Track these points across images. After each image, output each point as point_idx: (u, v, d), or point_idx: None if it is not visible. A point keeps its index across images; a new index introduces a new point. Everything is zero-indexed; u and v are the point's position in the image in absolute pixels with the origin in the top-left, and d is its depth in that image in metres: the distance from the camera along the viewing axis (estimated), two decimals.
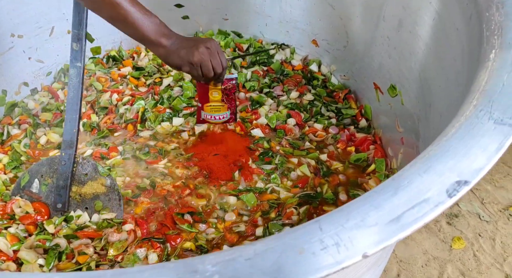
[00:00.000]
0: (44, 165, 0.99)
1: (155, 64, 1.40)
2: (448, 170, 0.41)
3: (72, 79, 0.91)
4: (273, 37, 1.48)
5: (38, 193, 0.97)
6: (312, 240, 0.38)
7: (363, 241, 0.37)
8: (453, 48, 0.73)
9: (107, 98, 1.28)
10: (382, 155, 1.12)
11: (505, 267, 1.39)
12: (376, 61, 1.15)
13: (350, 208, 0.41)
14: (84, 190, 0.98)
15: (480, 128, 0.44)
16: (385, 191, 0.41)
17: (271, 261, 0.36)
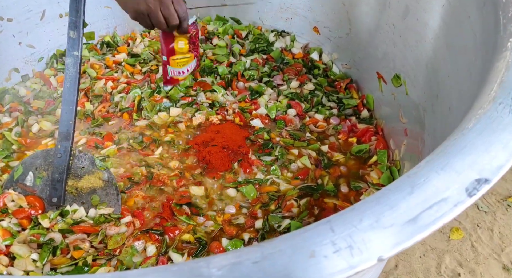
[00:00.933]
0: (39, 157, 0.94)
1: (151, 51, 1.36)
2: (467, 167, 0.39)
3: (69, 69, 0.87)
4: (272, 24, 1.44)
5: (32, 186, 0.94)
6: (324, 242, 0.35)
7: (378, 244, 0.35)
8: (464, 37, 0.70)
9: (102, 86, 1.24)
10: (384, 146, 1.10)
11: (503, 258, 1.39)
12: (380, 49, 1.12)
13: (363, 207, 0.38)
14: (80, 183, 0.94)
15: (500, 122, 0.42)
16: (401, 189, 0.39)
17: (280, 265, 0.34)
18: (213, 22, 1.49)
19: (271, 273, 0.34)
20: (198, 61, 1.05)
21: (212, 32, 1.45)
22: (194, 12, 1.49)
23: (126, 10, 0.86)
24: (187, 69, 1.03)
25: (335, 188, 1.01)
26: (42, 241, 0.83)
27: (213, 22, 1.49)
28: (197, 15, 1.50)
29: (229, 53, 1.37)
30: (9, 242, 0.83)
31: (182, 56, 0.99)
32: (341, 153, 1.10)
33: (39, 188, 0.94)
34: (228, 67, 1.32)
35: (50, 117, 1.16)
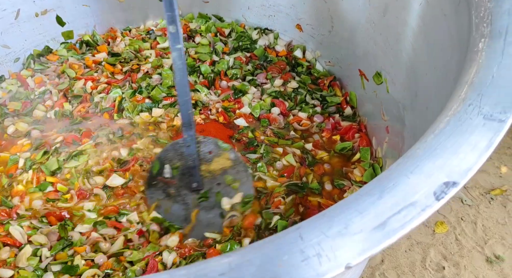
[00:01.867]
0: (170, 150, 1.00)
1: (131, 50, 1.34)
2: (436, 170, 0.39)
3: (176, 63, 0.88)
4: (256, 21, 1.43)
5: (171, 177, 1.00)
6: (293, 250, 0.35)
7: (347, 251, 0.35)
8: (441, 36, 0.70)
9: (81, 86, 1.22)
10: (367, 143, 1.10)
11: (486, 250, 1.41)
12: (361, 47, 1.12)
13: (333, 213, 0.38)
14: (212, 167, 1.01)
15: (469, 124, 0.42)
16: (370, 194, 0.38)
17: (247, 276, 0.34)
18: (195, 19, 1.47)
19: None
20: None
21: (194, 30, 1.43)
22: None
23: None
24: None
25: (320, 186, 1.01)
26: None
27: (196, 19, 1.47)
28: (180, 13, 1.48)
29: (212, 52, 1.36)
30: (31, 232, 0.88)
31: None
32: (325, 150, 1.11)
33: (178, 177, 1.01)
34: (211, 66, 1.31)
35: (27, 118, 1.14)
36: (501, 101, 0.43)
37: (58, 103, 1.17)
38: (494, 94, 0.43)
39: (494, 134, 0.41)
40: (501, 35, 0.49)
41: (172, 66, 1.27)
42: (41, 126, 1.12)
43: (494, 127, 0.41)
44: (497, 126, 0.41)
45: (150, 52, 1.33)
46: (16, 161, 1.02)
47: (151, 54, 1.32)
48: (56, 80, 1.24)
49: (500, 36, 0.49)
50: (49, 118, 1.15)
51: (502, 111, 0.41)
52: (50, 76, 1.25)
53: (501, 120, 0.41)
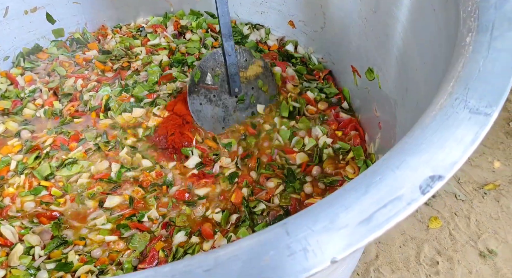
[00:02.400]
0: (210, 60, 1.10)
1: (122, 47, 1.33)
2: (422, 164, 0.39)
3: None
4: (247, 18, 1.42)
5: (213, 84, 1.12)
6: (279, 246, 0.35)
7: (332, 245, 0.35)
8: (430, 31, 0.70)
9: (71, 84, 1.21)
10: (361, 140, 1.10)
11: (479, 245, 1.42)
12: (353, 43, 1.12)
13: (319, 208, 0.38)
14: (248, 73, 1.14)
15: (455, 118, 0.42)
16: (356, 189, 0.38)
17: (233, 271, 0.33)
18: (186, 16, 1.46)
19: None
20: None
21: (185, 26, 1.42)
22: (168, 7, 1.46)
23: None
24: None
25: (300, 185, 1.01)
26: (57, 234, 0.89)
27: (187, 16, 1.46)
28: (171, 10, 1.47)
29: (202, 47, 1.35)
30: (24, 231, 0.88)
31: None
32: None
33: (219, 84, 1.13)
34: (199, 59, 1.30)
35: (17, 117, 1.13)
36: (486, 95, 0.43)
37: (48, 102, 1.16)
38: (480, 88, 0.44)
39: (480, 128, 0.41)
40: (487, 29, 0.49)
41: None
42: (31, 126, 1.12)
43: (480, 121, 0.41)
44: (483, 120, 0.41)
45: (141, 49, 1.32)
46: (7, 162, 1.01)
47: (141, 51, 1.31)
48: (46, 79, 1.23)
49: (487, 30, 0.49)
50: (38, 117, 1.14)
51: (488, 105, 0.42)
52: (40, 75, 1.24)
53: (486, 114, 0.41)
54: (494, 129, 1.75)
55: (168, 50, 1.33)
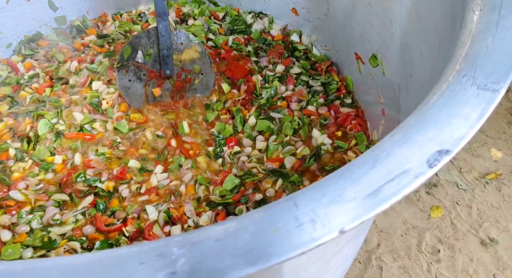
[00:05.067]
0: (143, 37, 1.08)
1: (121, 31, 1.33)
2: (429, 139, 0.39)
3: None
4: (250, 5, 1.42)
5: (143, 62, 1.09)
6: (287, 217, 0.35)
7: (340, 217, 0.35)
8: (435, 14, 0.70)
9: (66, 68, 1.21)
10: (363, 127, 1.11)
11: (481, 233, 1.43)
12: (357, 30, 1.11)
13: (326, 183, 0.38)
14: (183, 56, 1.12)
15: (463, 95, 0.42)
16: (364, 164, 0.39)
17: (242, 241, 0.34)
18: (188, 4, 1.46)
19: (232, 250, 0.33)
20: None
21: (187, 13, 1.42)
22: None
23: None
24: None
25: (300, 178, 0.99)
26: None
27: (189, 4, 1.46)
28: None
29: (208, 31, 1.34)
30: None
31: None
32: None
33: (150, 63, 1.10)
34: (208, 41, 1.30)
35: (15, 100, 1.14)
36: (494, 72, 0.43)
37: (43, 86, 1.16)
38: (488, 65, 0.44)
39: (487, 104, 0.41)
40: (495, 8, 0.49)
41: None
42: (16, 107, 1.11)
43: (487, 97, 0.41)
44: (490, 96, 0.41)
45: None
46: (6, 148, 1.02)
47: None
48: (45, 65, 1.23)
49: (495, 9, 0.49)
50: (26, 103, 1.14)
51: (496, 81, 0.42)
52: (39, 61, 1.24)
53: (494, 90, 0.41)
54: (496, 119, 1.75)
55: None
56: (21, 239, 0.85)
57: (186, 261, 0.32)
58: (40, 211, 0.91)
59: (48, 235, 0.86)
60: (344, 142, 1.06)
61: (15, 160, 1.00)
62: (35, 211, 0.91)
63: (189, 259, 0.33)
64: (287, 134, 1.07)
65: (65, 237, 0.88)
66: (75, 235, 0.88)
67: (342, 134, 1.10)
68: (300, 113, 1.13)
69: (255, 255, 0.33)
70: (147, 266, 0.32)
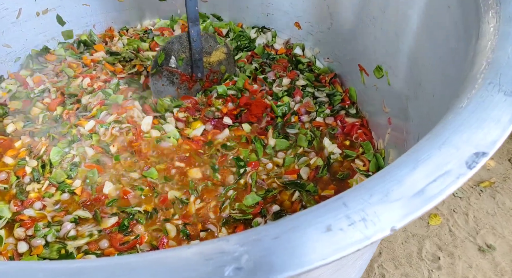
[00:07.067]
0: (175, 43, 1.13)
1: (131, 49, 1.34)
2: (464, 142, 0.41)
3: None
4: (254, 20, 1.45)
5: (176, 67, 1.15)
6: (338, 216, 0.37)
7: (390, 215, 0.37)
8: (445, 27, 0.74)
9: (78, 84, 1.22)
10: (368, 136, 1.13)
11: (478, 240, 1.46)
12: (361, 42, 1.15)
13: (371, 183, 0.40)
14: (211, 59, 1.17)
15: (491, 100, 0.45)
16: (405, 166, 0.41)
17: (297, 239, 0.35)
18: None
19: (290, 247, 0.35)
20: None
21: None
22: (174, 9, 1.48)
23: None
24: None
25: (315, 188, 1.00)
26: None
27: None
28: (177, 12, 1.49)
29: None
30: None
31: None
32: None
33: (182, 67, 1.16)
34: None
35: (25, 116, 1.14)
36: None
37: (55, 102, 1.17)
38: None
39: None
40: (510, 19, 0.52)
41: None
42: (32, 125, 1.12)
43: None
44: None
45: (153, 54, 1.33)
46: (23, 165, 1.02)
47: (152, 56, 1.32)
48: (55, 79, 1.23)
49: (510, 20, 0.52)
50: (39, 121, 1.14)
51: None
52: (48, 75, 1.25)
53: None
54: None
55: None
56: (38, 252, 0.84)
57: (249, 257, 0.34)
58: (56, 225, 0.91)
59: (66, 247, 0.85)
60: (352, 151, 1.08)
61: (31, 178, 1.00)
62: (52, 225, 0.91)
63: (251, 255, 0.34)
64: (302, 146, 1.09)
65: (81, 250, 0.88)
66: (90, 249, 0.88)
67: (350, 144, 1.12)
68: (311, 125, 1.15)
69: (313, 252, 0.35)
70: (214, 262, 0.33)
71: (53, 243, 0.87)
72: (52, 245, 0.87)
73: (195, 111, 1.13)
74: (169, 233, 0.90)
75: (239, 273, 0.33)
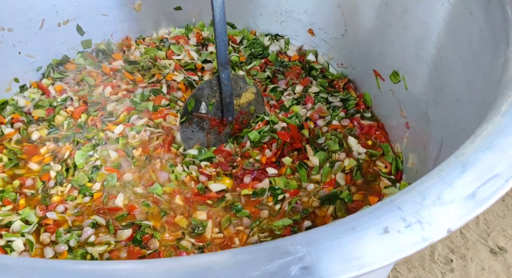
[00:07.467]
0: (205, 88, 1.09)
1: (148, 58, 1.36)
2: (510, 146, 0.43)
3: (217, 1, 0.93)
4: (267, 27, 1.47)
5: (207, 113, 1.11)
6: (394, 218, 0.38)
7: (445, 218, 0.38)
8: (468, 32, 0.75)
9: (100, 92, 1.23)
10: (386, 139, 1.15)
11: (489, 242, 1.47)
12: (376, 48, 1.16)
13: (422, 187, 0.41)
14: (241, 100, 1.15)
15: None
16: (453, 169, 0.42)
17: (358, 241, 0.37)
18: (207, 28, 1.51)
19: (351, 248, 0.36)
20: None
21: (207, 38, 1.47)
22: (189, 18, 1.50)
23: None
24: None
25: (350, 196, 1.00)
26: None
27: (207, 28, 1.51)
28: (192, 21, 1.51)
29: None
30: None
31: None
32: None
33: (212, 112, 1.12)
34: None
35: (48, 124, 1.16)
36: None
37: (78, 110, 1.19)
38: None
39: None
40: None
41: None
42: (56, 132, 1.13)
43: None
44: None
45: (170, 62, 1.35)
46: (47, 170, 1.05)
47: (170, 65, 1.34)
48: (76, 88, 1.26)
49: None
50: (63, 128, 1.16)
51: None
52: (69, 84, 1.27)
53: None
54: None
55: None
56: (63, 257, 0.86)
57: (312, 257, 0.35)
58: (77, 230, 0.92)
59: (91, 253, 0.87)
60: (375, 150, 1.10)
61: (55, 182, 1.02)
62: (72, 230, 0.92)
63: (314, 256, 0.35)
64: (335, 150, 1.09)
65: (103, 257, 0.89)
66: (112, 257, 0.89)
67: (372, 144, 1.13)
68: (329, 129, 1.16)
69: (370, 254, 0.36)
70: (279, 262, 0.35)
71: (76, 249, 0.89)
72: (75, 251, 0.88)
73: (227, 166, 1.08)
74: (188, 248, 0.90)
75: (305, 273, 0.34)
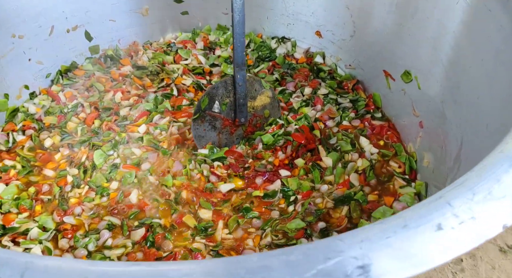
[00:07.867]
0: (220, 88, 1.09)
1: (156, 63, 1.35)
2: None
3: (237, 2, 0.93)
4: (273, 30, 1.47)
5: (220, 112, 1.11)
6: (446, 215, 0.38)
7: (499, 214, 0.37)
8: (487, 29, 0.75)
9: (110, 98, 1.23)
10: (398, 138, 1.14)
11: (498, 241, 1.46)
12: (386, 49, 1.16)
13: (470, 182, 0.41)
14: (256, 103, 1.14)
15: None
16: (500, 164, 0.42)
17: (412, 238, 0.36)
18: (213, 31, 1.50)
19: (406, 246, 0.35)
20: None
21: (214, 42, 1.46)
22: (195, 23, 1.49)
23: None
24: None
25: (364, 196, 0.99)
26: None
27: (214, 31, 1.50)
28: (199, 25, 1.51)
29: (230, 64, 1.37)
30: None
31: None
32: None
33: (225, 112, 1.12)
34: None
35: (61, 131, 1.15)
36: None
37: (90, 116, 1.18)
38: None
39: None
40: None
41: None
42: (71, 140, 1.13)
43: None
44: None
45: (178, 67, 1.35)
46: (64, 175, 1.04)
47: (178, 69, 1.34)
48: (86, 94, 1.25)
49: None
50: (77, 134, 1.15)
51: None
52: (79, 90, 1.26)
53: None
54: None
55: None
56: None
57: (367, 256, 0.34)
58: (94, 234, 0.92)
59: (109, 256, 0.86)
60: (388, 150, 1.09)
61: (72, 186, 1.01)
62: (90, 234, 0.91)
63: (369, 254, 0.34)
64: (347, 150, 1.09)
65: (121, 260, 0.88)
66: (130, 259, 0.88)
67: (384, 144, 1.12)
68: (339, 129, 1.16)
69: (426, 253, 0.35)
70: (335, 261, 0.34)
71: (95, 253, 0.88)
72: (94, 255, 0.88)
73: (238, 167, 1.07)
74: (202, 250, 0.89)
75: (362, 271, 0.33)
